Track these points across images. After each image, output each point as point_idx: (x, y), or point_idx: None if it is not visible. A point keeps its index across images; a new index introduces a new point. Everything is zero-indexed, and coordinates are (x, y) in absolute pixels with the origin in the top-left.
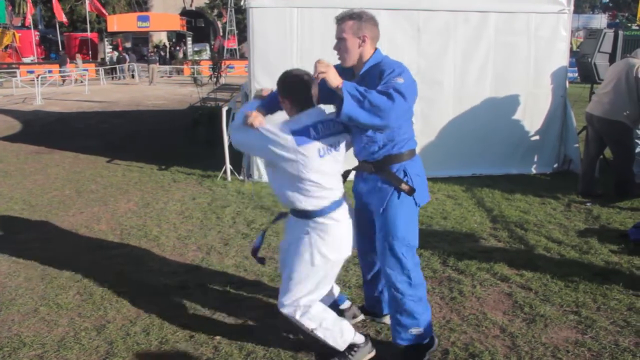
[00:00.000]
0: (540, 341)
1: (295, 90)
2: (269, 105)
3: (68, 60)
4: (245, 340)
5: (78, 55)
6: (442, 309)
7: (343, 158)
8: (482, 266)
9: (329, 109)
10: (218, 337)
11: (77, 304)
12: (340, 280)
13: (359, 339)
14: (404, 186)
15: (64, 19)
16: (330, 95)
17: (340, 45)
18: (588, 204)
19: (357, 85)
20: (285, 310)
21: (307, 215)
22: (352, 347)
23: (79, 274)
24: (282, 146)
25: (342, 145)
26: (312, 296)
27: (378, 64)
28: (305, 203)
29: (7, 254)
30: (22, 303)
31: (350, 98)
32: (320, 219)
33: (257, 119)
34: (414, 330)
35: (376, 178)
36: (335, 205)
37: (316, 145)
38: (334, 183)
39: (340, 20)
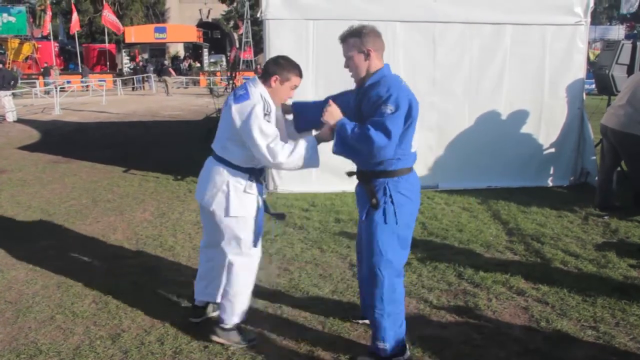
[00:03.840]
0: (557, 356)
1: None
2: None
3: (52, 72)
4: (259, 350)
5: (55, 67)
6: (457, 322)
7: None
8: (498, 279)
9: None
10: (232, 348)
11: (92, 312)
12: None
13: None
14: (373, 201)
15: (74, 31)
16: (350, 114)
17: (350, 64)
18: (606, 217)
19: (348, 124)
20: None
21: None
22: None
23: (95, 283)
24: None
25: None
26: None
27: (377, 83)
28: None
29: (25, 262)
30: (38, 311)
31: (337, 138)
32: None
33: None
34: (379, 344)
35: (362, 186)
36: None
37: None
38: None
39: (343, 39)
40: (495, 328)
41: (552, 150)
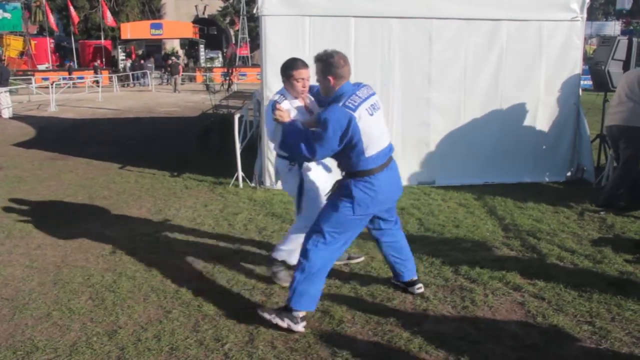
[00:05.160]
0: (553, 351)
1: None
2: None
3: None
4: (255, 347)
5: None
6: (453, 318)
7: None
8: (495, 275)
9: None
10: (229, 344)
11: (89, 309)
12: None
13: None
14: (331, 194)
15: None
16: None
17: (317, 81)
18: (602, 213)
19: (297, 126)
20: None
21: None
22: None
23: (91, 280)
24: None
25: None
26: None
27: (333, 99)
28: None
29: (21, 259)
30: (35, 307)
31: (282, 138)
32: None
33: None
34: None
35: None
36: None
37: None
38: None
39: (314, 62)
40: (491, 323)
41: (549, 146)
